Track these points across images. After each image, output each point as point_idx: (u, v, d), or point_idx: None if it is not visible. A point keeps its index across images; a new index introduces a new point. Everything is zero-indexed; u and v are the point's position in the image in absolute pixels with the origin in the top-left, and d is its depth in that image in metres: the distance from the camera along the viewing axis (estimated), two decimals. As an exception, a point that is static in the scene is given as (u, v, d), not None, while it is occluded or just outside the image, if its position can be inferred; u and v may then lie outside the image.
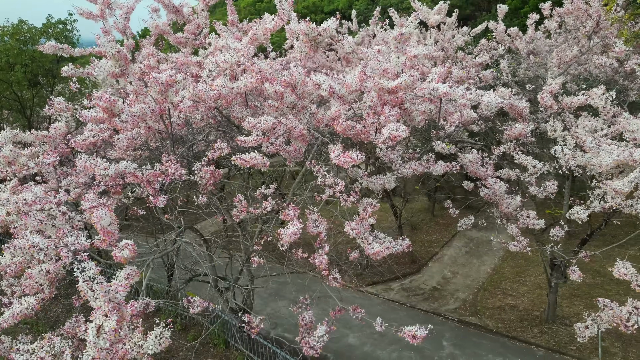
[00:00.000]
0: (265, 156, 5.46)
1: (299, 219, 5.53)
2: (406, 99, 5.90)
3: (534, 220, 7.66)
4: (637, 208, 5.91)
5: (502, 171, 8.50)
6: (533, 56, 11.24)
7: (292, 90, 5.86)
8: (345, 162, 5.13)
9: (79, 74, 7.32)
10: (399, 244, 5.98)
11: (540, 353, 10.42)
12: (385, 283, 15.57)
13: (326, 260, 5.27)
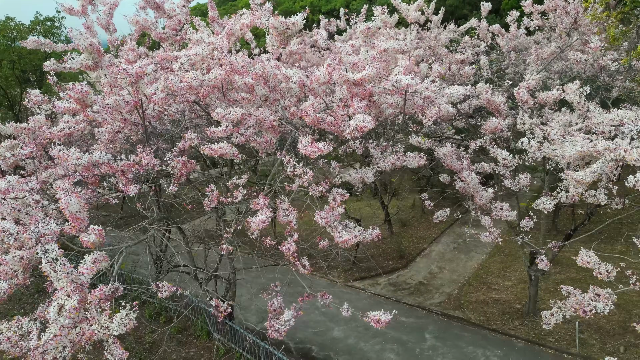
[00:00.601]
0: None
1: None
2: (375, 92, 6.04)
3: (506, 212, 7.82)
4: (600, 198, 6.07)
5: (478, 164, 8.67)
6: (514, 53, 11.39)
7: (265, 83, 6.01)
8: (312, 152, 5.29)
9: (61, 69, 7.45)
10: (368, 233, 6.12)
11: (520, 344, 10.59)
12: (372, 278, 15.73)
13: (294, 247, 5.41)
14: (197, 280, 8.06)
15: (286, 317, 5.21)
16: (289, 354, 11.04)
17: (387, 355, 10.69)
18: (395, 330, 11.89)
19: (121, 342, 9.55)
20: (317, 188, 5.68)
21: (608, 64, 9.29)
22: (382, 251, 18.34)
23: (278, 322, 5.09)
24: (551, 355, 10.03)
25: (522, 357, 10.03)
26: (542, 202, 6.50)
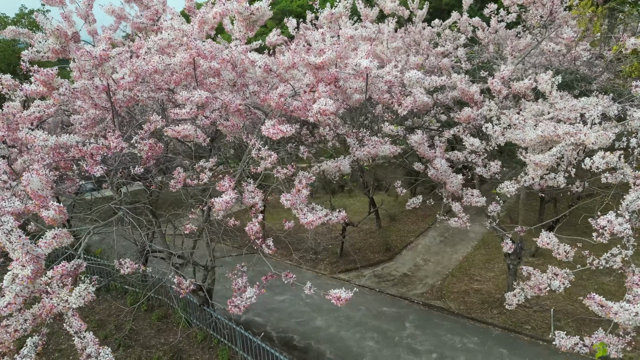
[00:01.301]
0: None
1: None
2: (341, 77, 6.17)
3: (476, 198, 7.96)
4: (559, 180, 6.21)
5: (452, 153, 8.81)
6: (492, 45, 11.53)
7: (232, 68, 6.13)
8: (274, 134, 5.42)
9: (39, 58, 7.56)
10: (334, 215, 6.26)
11: (497, 332, 10.74)
12: (357, 270, 15.87)
13: (257, 228, 5.53)
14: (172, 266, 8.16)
15: (248, 294, 5.34)
16: (270, 343, 11.19)
17: (366, 343, 10.83)
18: (377, 319, 12.04)
19: (101, 329, 9.70)
20: (282, 171, 5.80)
21: (581, 54, 9.43)
22: (370, 244, 18.50)
23: (238, 298, 5.21)
24: (527, 342, 10.18)
25: (498, 344, 10.17)
26: (505, 186, 6.64)
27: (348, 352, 10.50)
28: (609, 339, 5.00)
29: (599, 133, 5.81)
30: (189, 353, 9.06)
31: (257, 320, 12.74)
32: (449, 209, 8.49)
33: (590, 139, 5.87)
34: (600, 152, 5.79)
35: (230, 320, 9.56)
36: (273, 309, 13.30)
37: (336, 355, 10.44)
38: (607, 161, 5.70)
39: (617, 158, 5.73)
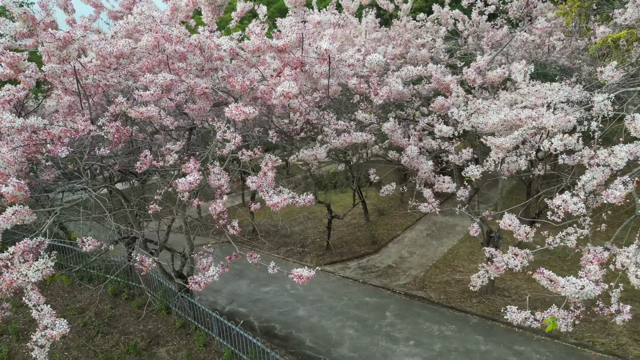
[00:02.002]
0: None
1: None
2: (307, 62, 6.27)
3: (448, 184, 8.07)
4: (521, 164, 6.33)
5: (425, 141, 8.93)
6: (472, 38, 11.65)
7: (201, 53, 6.23)
8: (237, 115, 5.53)
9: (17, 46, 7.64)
10: (301, 198, 6.36)
11: (475, 320, 10.87)
12: (343, 262, 15.99)
13: (221, 207, 5.62)
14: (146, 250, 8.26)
15: (211, 272, 5.44)
16: (252, 332, 11.31)
17: (346, 332, 10.95)
18: (358, 309, 12.16)
19: (81, 317, 9.79)
20: (247, 153, 5.90)
21: (555, 44, 9.56)
22: (357, 238, 18.62)
23: (200, 276, 5.32)
24: (502, 329, 10.31)
25: (475, 331, 10.30)
26: (470, 170, 6.76)
27: (327, 340, 10.62)
28: (558, 313, 5.12)
29: (558, 116, 5.94)
30: (166, 339, 9.16)
31: (241, 311, 12.86)
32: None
33: (549, 122, 5.99)
34: (559, 135, 5.91)
35: (214, 311, 9.66)
36: (257, 300, 13.42)
37: (315, 343, 10.55)
38: (565, 143, 5.82)
39: (576, 140, 5.85)
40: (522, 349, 9.38)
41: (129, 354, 8.64)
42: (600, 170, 5.54)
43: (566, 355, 9.01)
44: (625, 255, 5.12)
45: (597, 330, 9.67)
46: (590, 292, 4.64)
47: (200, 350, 8.80)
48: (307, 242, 18.83)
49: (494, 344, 9.68)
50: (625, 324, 9.71)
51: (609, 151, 5.37)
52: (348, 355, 9.89)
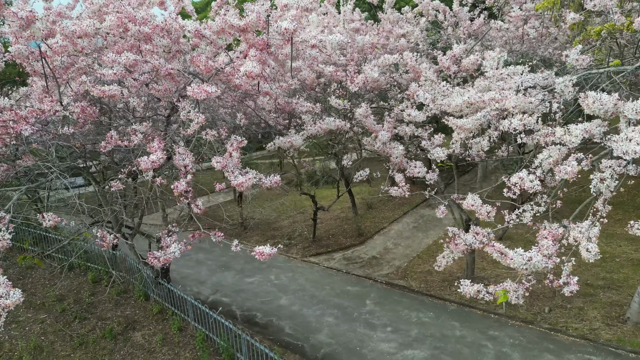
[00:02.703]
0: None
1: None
2: (272, 43, 6.34)
3: (419, 169, 8.15)
4: (483, 145, 6.42)
5: (400, 127, 9.02)
6: (451, 28, 11.73)
7: (168, 35, 6.29)
8: (199, 94, 5.61)
9: None
10: (267, 179, 6.44)
11: (453, 307, 10.97)
12: (328, 254, 16.08)
13: (184, 186, 5.69)
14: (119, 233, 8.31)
15: (172, 249, 5.50)
16: (234, 320, 11.38)
17: (325, 319, 11.03)
18: (339, 297, 12.25)
19: (60, 303, 9.85)
20: (210, 132, 5.97)
21: (529, 32, 9.64)
22: (344, 230, 18.71)
23: (160, 252, 5.38)
24: (479, 315, 10.41)
25: (452, 318, 10.39)
26: (435, 152, 6.85)
27: (306, 327, 10.70)
28: (510, 286, 5.21)
29: (518, 97, 6.02)
30: (142, 324, 9.23)
31: (224, 300, 12.93)
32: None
33: (510, 103, 6.08)
34: (519, 115, 6.00)
35: (197, 300, 9.69)
36: (241, 290, 13.50)
37: (294, 330, 10.63)
38: (524, 123, 5.91)
39: (535, 120, 5.95)
40: (496, 334, 9.48)
41: (104, 338, 8.71)
42: (557, 148, 5.63)
43: (539, 340, 9.11)
44: (578, 230, 5.20)
45: (571, 317, 9.77)
46: (537, 264, 4.72)
47: (175, 335, 8.87)
48: (295, 234, 18.91)
49: (469, 330, 9.78)
50: (600, 311, 9.83)
51: (565, 129, 5.46)
52: (325, 342, 9.97)
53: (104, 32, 5.87)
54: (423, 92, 6.87)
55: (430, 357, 8.92)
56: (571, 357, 8.40)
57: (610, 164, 5.37)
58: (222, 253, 17.90)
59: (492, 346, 9.05)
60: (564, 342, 8.97)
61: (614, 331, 9.00)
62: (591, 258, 4.89)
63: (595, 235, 5.16)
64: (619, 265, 12.40)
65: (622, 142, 4.85)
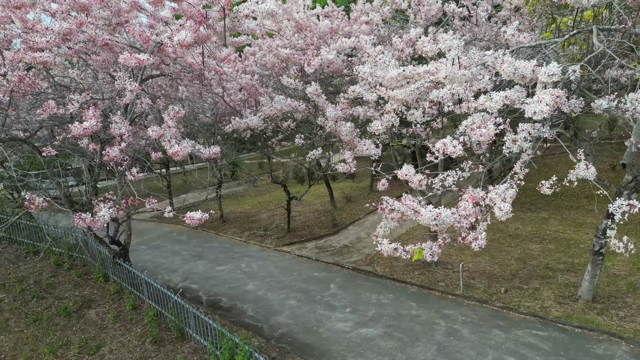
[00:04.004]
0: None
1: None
2: (210, 16, 6.47)
3: (367, 146, 8.28)
4: (416, 116, 6.55)
5: (354, 108, 9.15)
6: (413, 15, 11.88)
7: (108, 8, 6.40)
8: (129, 60, 5.73)
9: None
10: (206, 150, 6.56)
11: (413, 290, 11.08)
12: (301, 243, 16.19)
13: (116, 152, 5.78)
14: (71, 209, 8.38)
15: (101, 213, 5.59)
16: (199, 304, 11.47)
17: (288, 302, 11.12)
18: (305, 282, 12.35)
19: (20, 284, 9.92)
20: (144, 100, 6.08)
21: (480, 15, 9.81)
22: (320, 222, 18.82)
23: (88, 213, 5.47)
24: (437, 297, 10.52)
25: (411, 299, 10.51)
26: (375, 125, 6.97)
27: (268, 310, 10.79)
28: (425, 245, 5.33)
29: (449, 68, 6.16)
30: (98, 303, 9.30)
31: (193, 287, 13.02)
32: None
33: (441, 74, 6.22)
34: (449, 85, 6.14)
35: (163, 286, 9.74)
36: (210, 277, 13.59)
37: (256, 313, 10.72)
38: (453, 93, 6.05)
39: (463, 91, 6.08)
40: (450, 313, 9.60)
41: (58, 316, 8.78)
42: (480, 115, 5.77)
43: (490, 317, 9.23)
44: (495, 192, 5.33)
45: (526, 297, 9.90)
46: (445, 219, 4.85)
47: (129, 312, 8.95)
48: (272, 226, 19.01)
49: (425, 309, 9.89)
50: (554, 291, 9.93)
51: (487, 97, 5.60)
52: (284, 322, 10.06)
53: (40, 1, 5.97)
54: (362, 67, 7.00)
55: (383, 334, 9.02)
56: (519, 333, 8.52)
57: (526, 127, 5.53)
58: (198, 244, 18.01)
59: (444, 323, 9.17)
60: (514, 319, 9.09)
61: (564, 309, 9.13)
62: (502, 216, 5.02)
63: (511, 196, 5.29)
64: (582, 251, 12.55)
65: (533, 104, 5.00)
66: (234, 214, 22.50)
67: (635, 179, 8.06)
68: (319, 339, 9.18)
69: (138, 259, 16.11)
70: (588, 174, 4.98)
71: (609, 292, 9.74)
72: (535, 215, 17.04)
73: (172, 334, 8.26)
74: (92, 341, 8.08)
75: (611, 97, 5.88)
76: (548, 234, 14.47)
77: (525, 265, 11.88)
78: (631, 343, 7.80)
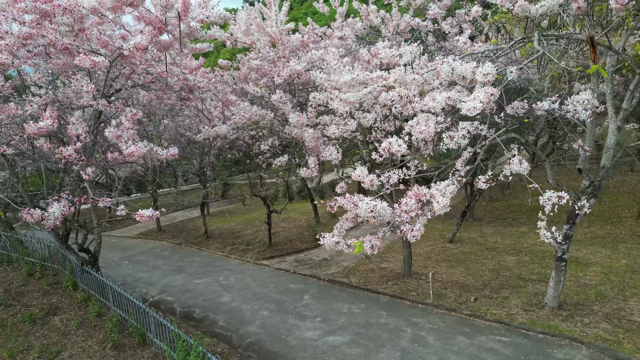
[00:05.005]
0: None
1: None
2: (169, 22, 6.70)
3: (333, 154, 8.44)
4: (369, 118, 6.72)
5: (320, 117, 9.35)
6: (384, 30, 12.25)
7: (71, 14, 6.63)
8: (84, 62, 5.90)
9: None
10: (163, 152, 6.69)
11: (385, 299, 11.08)
12: (281, 257, 16.21)
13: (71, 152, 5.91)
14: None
15: (52, 209, 5.68)
16: (172, 316, 11.41)
17: (260, 313, 11.09)
18: (280, 294, 12.33)
19: (-12, 292, 9.88)
20: (100, 101, 6.25)
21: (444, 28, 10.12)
22: (302, 237, 18.84)
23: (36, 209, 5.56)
24: (407, 306, 10.52)
25: (381, 308, 10.50)
26: (330, 129, 7.14)
27: (240, 320, 10.75)
28: (365, 238, 5.42)
29: (397, 72, 6.38)
30: (64, 310, 9.27)
31: (168, 299, 12.98)
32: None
33: (392, 78, 6.44)
34: (398, 88, 6.34)
35: (139, 299, 9.69)
36: (187, 290, 13.56)
37: (228, 323, 10.68)
38: (401, 95, 6.24)
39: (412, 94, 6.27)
40: (418, 321, 9.59)
41: (23, 322, 8.74)
42: (425, 115, 5.95)
43: (457, 324, 9.23)
44: (436, 188, 5.46)
45: (494, 305, 9.92)
46: (381, 211, 4.96)
47: (93, 319, 8.92)
48: (255, 241, 19.02)
49: (394, 318, 9.88)
50: (522, 299, 9.95)
51: (430, 98, 5.79)
52: (254, 332, 10.02)
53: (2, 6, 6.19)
54: (318, 72, 7.21)
55: (350, 341, 9.00)
56: (482, 339, 8.51)
57: (465, 125, 5.70)
58: (180, 259, 17.98)
59: (410, 331, 9.15)
60: (480, 325, 9.09)
61: (529, 315, 9.15)
62: (440, 210, 5.15)
63: (452, 192, 5.41)
64: (556, 262, 12.59)
65: (469, 101, 5.19)
66: (219, 230, 22.52)
67: (592, 184, 8.21)
68: (285, 347, 9.14)
69: (118, 274, 16.07)
70: (521, 168, 5.13)
71: (577, 300, 9.78)
72: (515, 229, 17.14)
73: (134, 340, 8.23)
74: (53, 346, 8.04)
75: (552, 98, 6.09)
76: (525, 247, 14.53)
77: (498, 276, 11.91)
78: (591, 347, 7.81)
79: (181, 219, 28.60)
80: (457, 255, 14.27)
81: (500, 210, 20.56)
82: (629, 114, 8.22)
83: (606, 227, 16.00)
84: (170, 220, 27.80)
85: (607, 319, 8.81)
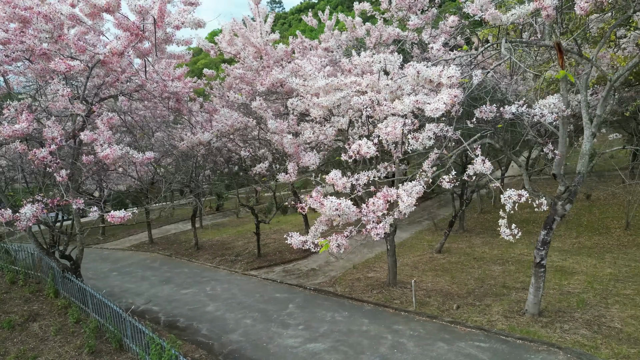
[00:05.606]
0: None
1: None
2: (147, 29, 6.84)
3: (311, 160, 8.53)
4: (342, 122, 6.83)
5: (302, 124, 9.47)
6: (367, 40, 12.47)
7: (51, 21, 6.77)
8: (59, 65, 6.02)
9: None
10: (139, 155, 6.77)
11: (369, 308, 11.06)
12: (269, 267, 16.18)
13: (46, 154, 5.98)
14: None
15: (23, 211, 5.73)
16: (156, 325, 11.36)
17: (244, 321, 11.05)
18: (265, 303, 12.30)
19: (-31, 300, 9.85)
20: (80, 107, 6.35)
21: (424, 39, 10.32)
22: (291, 247, 18.71)
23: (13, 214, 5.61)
24: (390, 314, 10.50)
25: (364, 316, 10.48)
26: (306, 134, 7.25)
27: (223, 329, 10.71)
28: (331, 237, 5.47)
29: (369, 78, 6.53)
30: (44, 317, 9.24)
31: (154, 309, 12.92)
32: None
33: (364, 82, 6.58)
34: (370, 93, 6.47)
35: (117, 305, 9.70)
36: (174, 300, 13.51)
37: (210, 332, 10.63)
38: (372, 99, 6.37)
39: (383, 97, 6.41)
40: (400, 328, 9.57)
41: (2, 329, 8.71)
42: (394, 118, 6.06)
43: (437, 331, 9.21)
44: (403, 188, 5.54)
45: (476, 312, 9.91)
46: (346, 209, 5.03)
47: (72, 325, 8.89)
48: (245, 252, 19.01)
49: (376, 325, 9.86)
50: (504, 307, 9.95)
51: (400, 101, 5.91)
52: (236, 340, 9.98)
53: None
54: (294, 79, 7.35)
55: (330, 348, 8.97)
56: (462, 345, 8.50)
57: (431, 126, 5.81)
58: (168, 270, 17.93)
59: (391, 337, 9.13)
60: (460, 332, 9.08)
61: (510, 322, 9.15)
62: (405, 209, 5.23)
63: (418, 192, 5.49)
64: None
65: (433, 103, 5.32)
66: (210, 242, 22.50)
67: (568, 189, 8.30)
68: (266, 354, 9.10)
69: (106, 285, 16.01)
70: (484, 168, 5.22)
71: (558, 308, 9.78)
72: (504, 240, 17.10)
73: (111, 346, 8.20)
74: (30, 352, 8.00)
75: (519, 102, 6.21)
76: (512, 257, 14.56)
77: (483, 284, 11.92)
78: (568, 353, 7.81)
79: (174, 231, 28.61)
80: (444, 264, 14.28)
81: (490, 222, 20.59)
82: (603, 122, 8.35)
83: (594, 238, 16.05)
84: (163, 233, 27.82)
85: (587, 325, 8.82)
